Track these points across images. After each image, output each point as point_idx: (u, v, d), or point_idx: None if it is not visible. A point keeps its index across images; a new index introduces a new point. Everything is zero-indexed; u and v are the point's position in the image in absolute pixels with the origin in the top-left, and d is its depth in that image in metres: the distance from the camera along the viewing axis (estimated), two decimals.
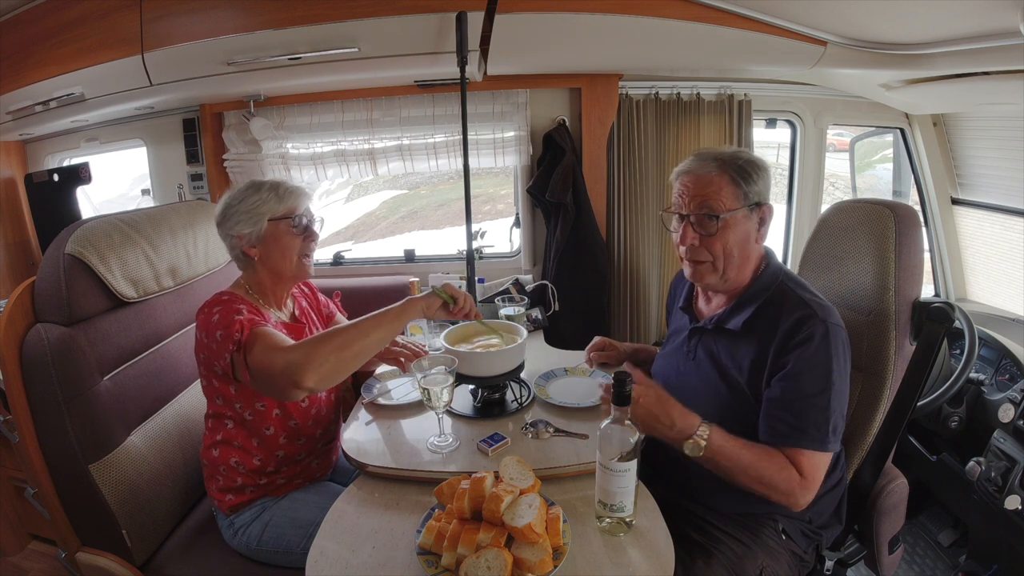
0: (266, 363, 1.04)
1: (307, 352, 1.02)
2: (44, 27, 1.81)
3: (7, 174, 2.28)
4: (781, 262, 1.18)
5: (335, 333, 1.07)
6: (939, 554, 1.83)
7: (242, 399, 1.19)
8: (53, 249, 1.18)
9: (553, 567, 0.82)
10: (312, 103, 2.08)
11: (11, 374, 1.14)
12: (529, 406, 1.31)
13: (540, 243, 2.21)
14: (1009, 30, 1.23)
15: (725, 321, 1.14)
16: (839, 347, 1.02)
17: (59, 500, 1.20)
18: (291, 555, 1.18)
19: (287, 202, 1.24)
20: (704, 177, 1.11)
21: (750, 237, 1.12)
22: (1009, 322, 1.89)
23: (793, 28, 1.60)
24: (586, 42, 1.69)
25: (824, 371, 1.01)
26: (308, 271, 1.29)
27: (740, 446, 1.03)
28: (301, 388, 1.01)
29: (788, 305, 1.06)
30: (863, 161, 2.73)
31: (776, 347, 1.05)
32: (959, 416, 1.64)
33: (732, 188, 1.09)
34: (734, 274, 1.14)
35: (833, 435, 1.02)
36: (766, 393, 1.06)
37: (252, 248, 1.23)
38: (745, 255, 1.13)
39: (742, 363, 1.10)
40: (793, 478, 1.01)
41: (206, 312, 1.13)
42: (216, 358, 1.10)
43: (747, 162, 1.11)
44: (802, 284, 1.12)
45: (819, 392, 1.01)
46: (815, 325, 1.02)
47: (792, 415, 1.02)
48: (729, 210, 1.09)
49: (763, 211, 1.13)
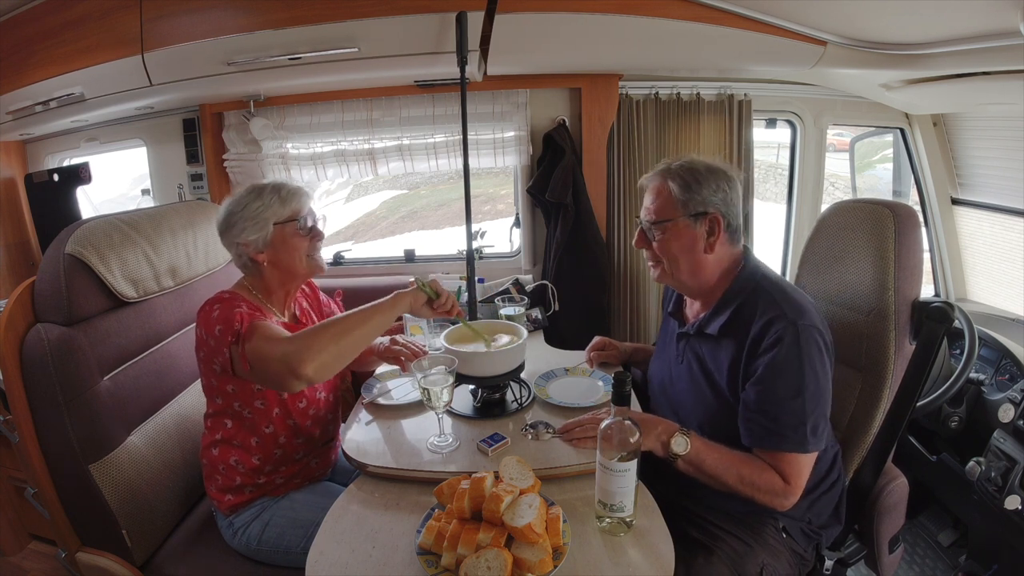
0: (264, 352, 1.04)
1: (305, 341, 1.03)
2: (44, 27, 1.81)
3: (7, 174, 2.28)
4: (759, 264, 1.18)
5: (331, 323, 1.08)
6: (939, 554, 1.83)
7: (241, 397, 1.19)
8: (53, 249, 1.18)
9: (553, 567, 0.82)
10: (312, 103, 2.08)
11: (11, 374, 1.14)
12: (529, 406, 1.31)
13: (540, 243, 2.21)
14: (1009, 30, 1.23)
15: (705, 325, 1.16)
16: (811, 348, 1.02)
17: (59, 500, 1.21)
18: (291, 555, 1.18)
19: (291, 204, 1.24)
20: (653, 186, 1.18)
21: (696, 245, 1.14)
22: (1009, 322, 1.89)
23: (793, 28, 1.60)
24: (586, 42, 1.69)
25: (797, 374, 1.01)
26: (320, 266, 1.31)
27: (721, 448, 1.06)
28: (299, 377, 1.01)
29: (760, 308, 1.07)
30: (863, 161, 2.73)
31: (748, 351, 1.06)
32: (959, 416, 1.64)
33: (671, 197, 1.14)
34: (686, 279, 1.17)
35: (812, 436, 1.02)
36: (742, 396, 1.07)
37: (259, 254, 1.23)
38: (695, 262, 1.15)
39: (722, 366, 1.12)
40: (775, 479, 1.03)
41: (207, 309, 1.14)
42: (215, 354, 1.10)
43: (689, 171, 1.13)
44: (778, 285, 1.12)
45: (793, 396, 1.01)
46: (785, 328, 1.02)
47: (768, 419, 1.03)
48: (666, 219, 1.14)
49: (709, 220, 1.12)
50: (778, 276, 1.17)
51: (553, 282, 2.01)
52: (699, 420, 1.17)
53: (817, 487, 1.16)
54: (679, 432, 1.06)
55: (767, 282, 1.13)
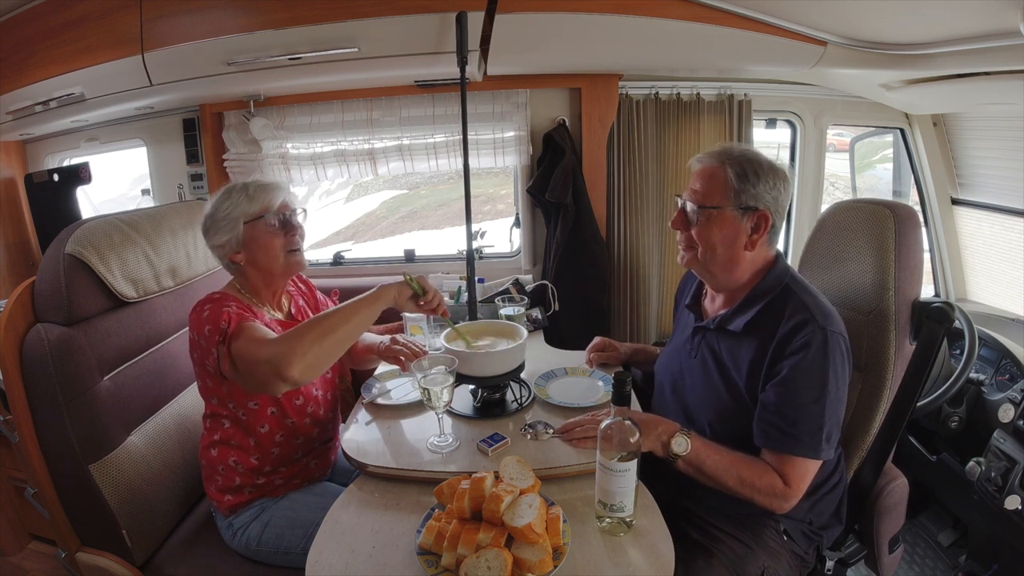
0: (249, 354, 1.03)
1: (290, 343, 1.02)
2: (44, 27, 1.81)
3: (7, 174, 2.28)
4: (790, 267, 1.17)
5: (315, 323, 1.07)
6: (939, 554, 1.83)
7: (235, 398, 1.19)
8: (53, 249, 1.18)
9: (553, 567, 0.82)
10: (312, 103, 2.08)
11: (11, 374, 1.14)
12: (529, 406, 1.31)
13: (540, 243, 2.21)
14: (1009, 30, 1.23)
15: (728, 322, 1.14)
16: (837, 355, 1.01)
17: (59, 500, 1.21)
18: (290, 555, 1.18)
19: (258, 200, 1.20)
20: (707, 168, 1.12)
21: (739, 239, 1.10)
22: (1009, 322, 1.89)
23: (793, 28, 1.60)
24: (586, 42, 1.69)
25: (820, 379, 1.01)
26: (300, 263, 1.27)
27: (722, 449, 1.06)
28: (286, 380, 1.00)
29: (789, 309, 1.06)
30: (863, 161, 2.73)
31: (773, 351, 1.04)
32: (959, 416, 1.64)
33: (725, 184, 1.09)
34: (718, 271, 1.14)
35: (826, 443, 1.02)
36: (761, 397, 1.06)
37: (236, 254, 1.21)
38: (731, 256, 1.12)
39: (741, 364, 1.10)
40: (775, 482, 1.03)
41: (197, 311, 1.13)
42: (206, 355, 1.10)
43: (749, 162, 1.09)
44: (807, 288, 1.10)
45: (814, 400, 1.01)
46: (813, 332, 1.01)
47: (786, 422, 1.02)
48: (714, 205, 1.09)
49: (758, 217, 1.09)
50: (806, 280, 1.14)
51: (553, 282, 2.01)
52: (708, 416, 1.16)
53: (820, 488, 1.15)
54: (679, 432, 1.05)
55: (796, 284, 1.10)
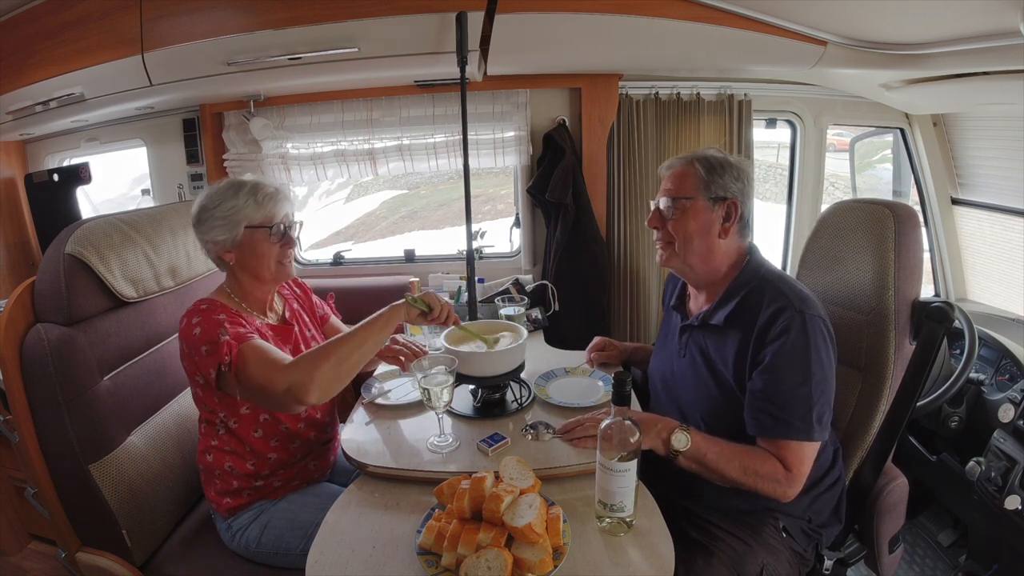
0: (265, 381, 1.04)
1: (307, 371, 1.04)
2: (44, 27, 1.81)
3: (7, 174, 2.28)
4: (765, 259, 1.21)
5: (331, 348, 1.08)
6: (939, 554, 1.83)
7: (224, 408, 1.19)
8: (53, 249, 1.18)
9: (553, 567, 0.82)
10: (312, 103, 2.08)
11: (11, 374, 1.14)
12: (529, 406, 1.31)
13: (540, 243, 2.21)
14: (1009, 30, 1.23)
15: (710, 317, 1.18)
16: (818, 337, 1.04)
17: (59, 500, 1.21)
18: (290, 556, 1.18)
19: (266, 209, 1.20)
20: (677, 169, 1.21)
21: (712, 228, 1.17)
22: (1009, 322, 1.89)
23: (793, 28, 1.60)
24: (586, 42, 1.69)
25: (804, 361, 1.03)
26: (288, 273, 1.28)
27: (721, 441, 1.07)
28: (303, 404, 1.05)
29: (766, 298, 1.09)
30: (863, 161, 2.73)
31: (755, 340, 1.08)
32: (959, 416, 1.64)
33: (695, 178, 1.17)
34: (696, 262, 1.19)
35: (818, 424, 1.03)
36: (749, 386, 1.09)
37: (228, 253, 1.21)
38: (707, 245, 1.17)
39: (727, 357, 1.13)
40: (777, 467, 1.04)
41: (186, 323, 1.12)
42: (200, 369, 1.10)
43: (714, 158, 1.18)
44: (782, 277, 1.15)
45: (800, 383, 1.03)
46: (792, 317, 1.04)
47: (776, 407, 1.04)
48: (688, 196, 1.17)
49: (727, 206, 1.16)
50: (780, 270, 1.20)
51: (553, 282, 2.01)
52: (702, 413, 1.18)
53: (818, 484, 1.16)
54: (679, 428, 1.06)
55: (771, 274, 1.16)
